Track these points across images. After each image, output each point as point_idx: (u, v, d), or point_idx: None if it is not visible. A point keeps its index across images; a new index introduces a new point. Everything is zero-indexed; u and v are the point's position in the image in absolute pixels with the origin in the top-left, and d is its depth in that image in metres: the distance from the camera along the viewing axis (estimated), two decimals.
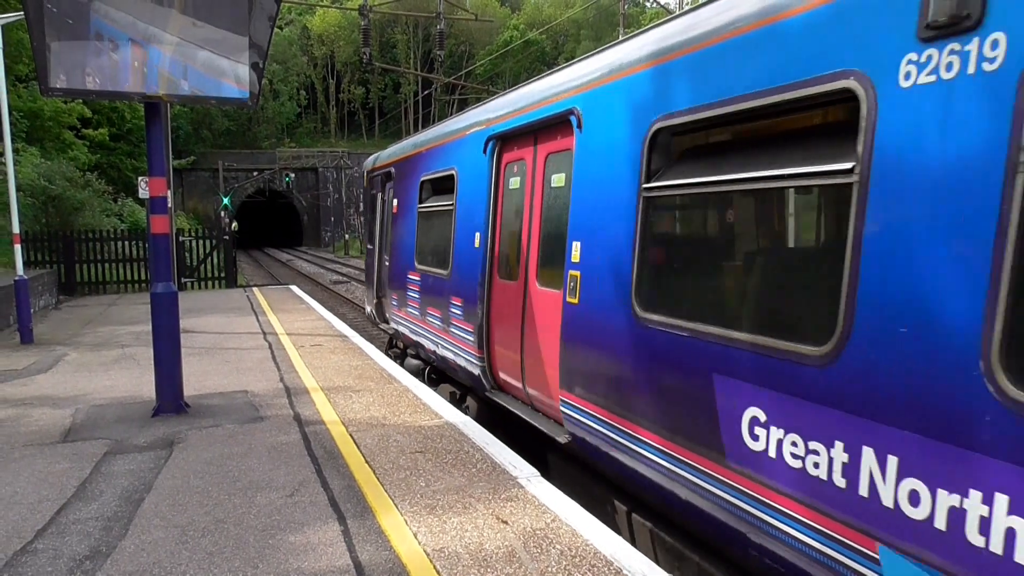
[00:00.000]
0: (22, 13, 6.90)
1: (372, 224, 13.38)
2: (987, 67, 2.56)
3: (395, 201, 11.21)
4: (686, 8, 4.73)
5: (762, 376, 3.47)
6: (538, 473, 5.38)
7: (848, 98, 3.15)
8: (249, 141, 72.75)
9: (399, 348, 11.86)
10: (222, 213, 48.20)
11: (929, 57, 2.77)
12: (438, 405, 7.32)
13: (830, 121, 3.47)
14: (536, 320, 6.16)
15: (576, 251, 5.35)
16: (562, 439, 5.62)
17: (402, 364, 10.60)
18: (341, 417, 6.90)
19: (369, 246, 13.79)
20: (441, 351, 8.59)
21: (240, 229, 40.38)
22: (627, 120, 4.77)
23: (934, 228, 2.72)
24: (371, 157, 13.92)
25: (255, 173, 63.37)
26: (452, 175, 8.31)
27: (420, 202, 9.64)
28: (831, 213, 3.49)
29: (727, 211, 4.19)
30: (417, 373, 9.77)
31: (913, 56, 2.83)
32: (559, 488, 5.11)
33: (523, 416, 6.40)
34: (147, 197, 7.29)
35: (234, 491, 5.07)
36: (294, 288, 21.71)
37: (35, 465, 5.69)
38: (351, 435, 6.32)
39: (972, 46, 2.61)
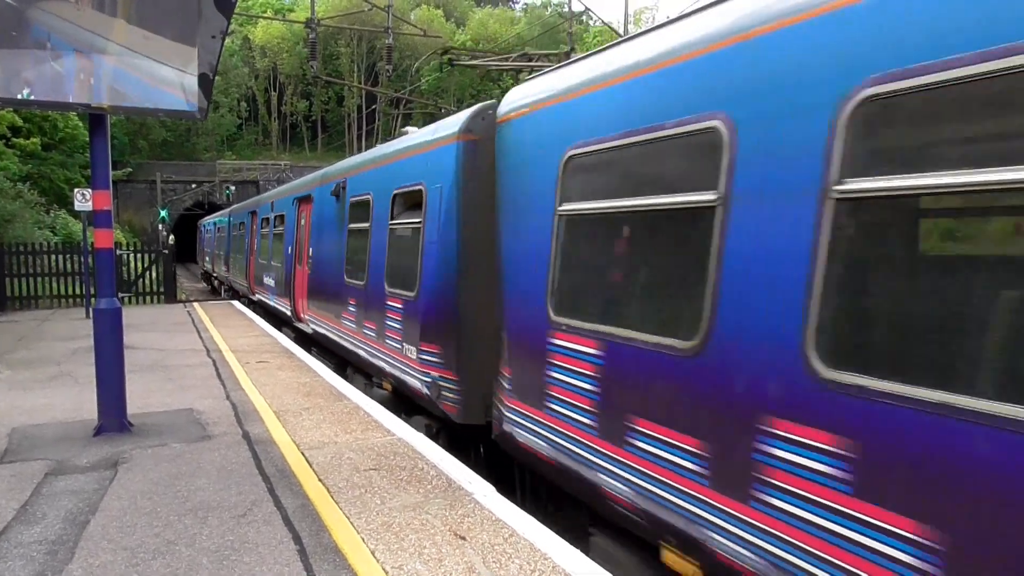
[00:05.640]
0: None
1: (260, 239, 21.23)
2: None
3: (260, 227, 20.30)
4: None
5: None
6: (494, 489, 5.41)
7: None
8: (188, 152, 70.99)
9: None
10: (160, 226, 46.99)
11: None
12: (390, 422, 7.28)
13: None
14: (298, 283, 13.62)
15: (310, 251, 12.63)
16: (308, 330, 12.97)
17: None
18: (292, 435, 6.81)
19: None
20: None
21: (178, 242, 39.50)
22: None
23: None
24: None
25: (194, 185, 61.81)
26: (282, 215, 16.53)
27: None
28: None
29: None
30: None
31: None
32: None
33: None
34: (84, 210, 7.09)
35: (184, 512, 4.96)
36: (236, 304, 21.30)
37: None
38: (303, 453, 6.24)
39: None
